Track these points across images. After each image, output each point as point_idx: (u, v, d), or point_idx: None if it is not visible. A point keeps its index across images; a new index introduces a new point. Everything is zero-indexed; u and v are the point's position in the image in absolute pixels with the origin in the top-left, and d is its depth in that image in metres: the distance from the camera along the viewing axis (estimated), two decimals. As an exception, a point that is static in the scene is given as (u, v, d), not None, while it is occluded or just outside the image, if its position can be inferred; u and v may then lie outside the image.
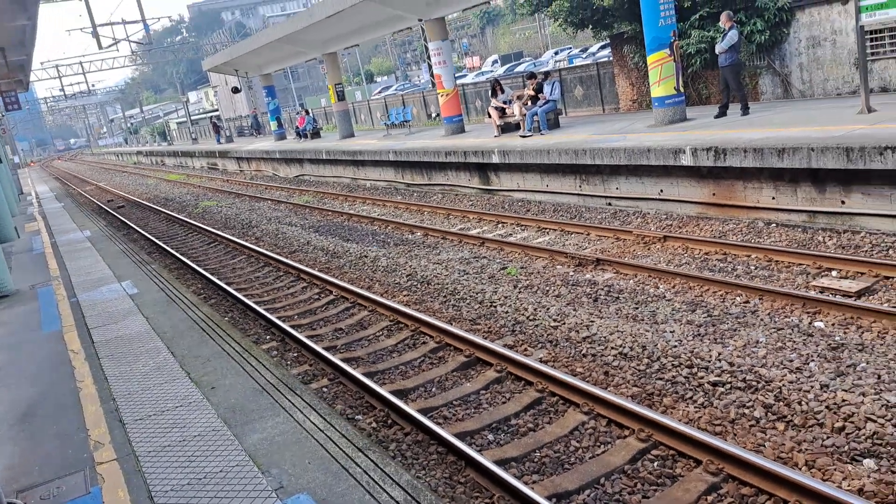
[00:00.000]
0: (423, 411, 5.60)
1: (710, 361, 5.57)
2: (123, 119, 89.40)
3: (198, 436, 4.27)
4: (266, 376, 5.12)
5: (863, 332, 5.76)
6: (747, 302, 6.75)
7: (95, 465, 4.13)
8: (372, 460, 3.50)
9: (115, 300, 8.47)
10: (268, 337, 7.88)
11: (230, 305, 9.37)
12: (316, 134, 27.52)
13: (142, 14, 27.91)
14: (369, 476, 3.36)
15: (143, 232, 16.93)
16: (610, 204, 11.78)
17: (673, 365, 5.65)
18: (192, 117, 55.54)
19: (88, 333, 7.14)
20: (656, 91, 12.48)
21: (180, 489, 3.64)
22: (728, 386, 5.16)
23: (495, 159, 14.00)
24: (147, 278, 9.54)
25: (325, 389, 6.24)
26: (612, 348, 6.20)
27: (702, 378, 5.35)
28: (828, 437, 4.41)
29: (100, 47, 26.45)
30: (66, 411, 5.12)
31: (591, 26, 18.07)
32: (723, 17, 11.67)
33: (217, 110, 62.26)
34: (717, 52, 11.79)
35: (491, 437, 5.20)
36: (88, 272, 10.62)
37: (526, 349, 6.56)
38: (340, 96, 24.89)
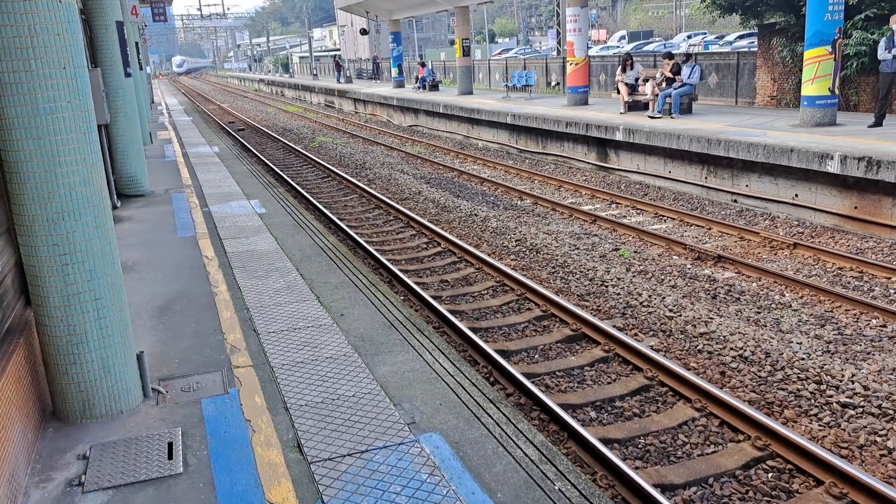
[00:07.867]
0: (526, 376, 5.61)
1: (840, 381, 5.29)
2: (250, 46, 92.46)
3: (329, 358, 4.44)
4: (393, 312, 5.25)
5: None
6: (884, 326, 6.34)
7: (232, 368, 4.38)
8: (504, 414, 3.54)
9: (244, 216, 8.88)
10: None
11: (340, 240, 9.63)
12: (434, 87, 27.56)
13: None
14: (502, 429, 3.40)
15: (260, 156, 17.60)
16: (736, 201, 11.26)
17: (798, 378, 5.41)
18: (315, 54, 56.76)
19: (221, 243, 7.52)
20: (808, 89, 11.70)
21: (314, 405, 3.81)
22: (860, 410, 4.90)
23: (619, 136, 13.61)
24: (274, 200, 9.93)
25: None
26: (732, 349, 5.99)
27: (830, 396, 5.09)
28: (969, 484, 4.13)
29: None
30: (202, 312, 5.43)
31: (739, 12, 17.10)
32: (894, 18, 10.73)
33: (339, 50, 63.32)
34: (888, 56, 10.81)
35: (594, 414, 5.16)
36: (219, 186, 11.17)
37: (637, 334, 6.44)
38: (466, 52, 24.72)
